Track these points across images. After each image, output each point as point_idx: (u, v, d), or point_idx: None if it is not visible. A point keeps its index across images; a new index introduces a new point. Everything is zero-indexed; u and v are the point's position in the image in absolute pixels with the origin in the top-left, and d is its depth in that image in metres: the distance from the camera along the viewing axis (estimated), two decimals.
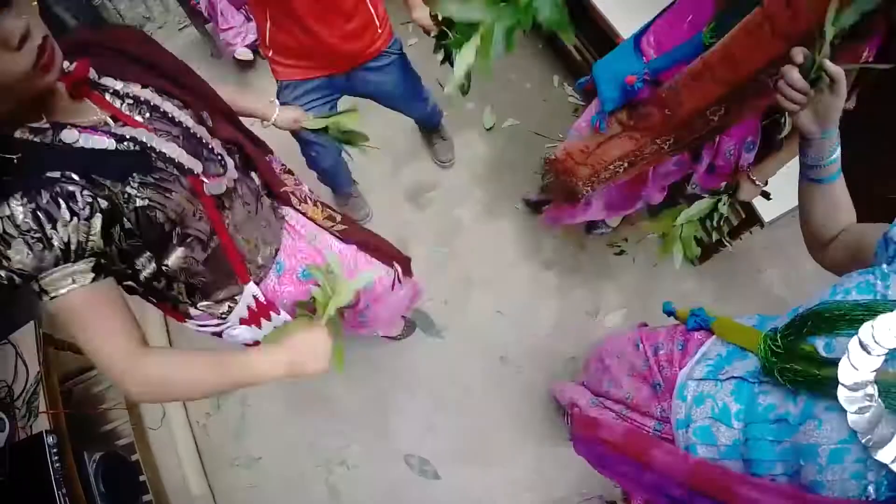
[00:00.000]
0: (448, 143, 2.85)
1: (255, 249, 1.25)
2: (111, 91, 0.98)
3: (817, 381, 0.76)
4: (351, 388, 2.36)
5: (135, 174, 0.92)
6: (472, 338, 2.45)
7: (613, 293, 2.50)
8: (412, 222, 2.74)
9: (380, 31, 1.85)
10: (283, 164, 1.51)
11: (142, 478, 2.19)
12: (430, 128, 2.75)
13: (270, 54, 1.83)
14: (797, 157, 1.11)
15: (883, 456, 0.67)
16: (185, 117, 1.07)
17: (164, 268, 1.04)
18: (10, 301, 2.71)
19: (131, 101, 1.00)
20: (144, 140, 0.95)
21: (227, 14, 3.38)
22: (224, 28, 3.42)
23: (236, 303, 1.25)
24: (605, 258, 2.57)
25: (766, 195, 1.76)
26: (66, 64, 0.89)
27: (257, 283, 1.28)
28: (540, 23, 1.15)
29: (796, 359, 0.80)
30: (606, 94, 1.64)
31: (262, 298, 1.29)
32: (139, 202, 0.92)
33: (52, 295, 0.83)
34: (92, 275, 0.85)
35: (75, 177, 0.84)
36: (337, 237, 1.52)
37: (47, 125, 0.87)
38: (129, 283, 1.04)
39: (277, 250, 1.34)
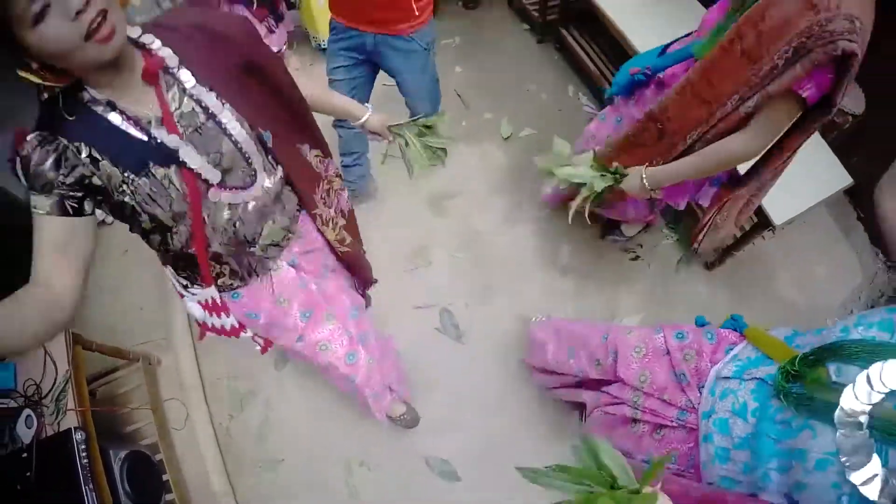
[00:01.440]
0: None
1: (226, 268, 1.33)
2: (180, 87, 1.06)
3: (814, 409, 0.83)
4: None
5: (141, 177, 1.03)
6: (492, 341, 2.49)
7: (629, 298, 2.55)
8: (434, 229, 2.81)
9: (417, 14, 2.03)
10: (335, 168, 1.57)
11: (165, 477, 2.21)
12: None
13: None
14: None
15: (855, 478, 0.74)
16: (238, 130, 1.13)
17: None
18: None
19: (189, 108, 1.07)
20: (172, 147, 1.04)
21: None
22: None
23: (199, 287, 1.34)
24: (621, 264, 2.62)
25: None
26: (156, 43, 1.02)
27: (219, 289, 1.35)
28: None
29: (808, 382, 0.87)
30: (616, 80, 1.85)
31: (218, 301, 1.37)
32: (127, 199, 1.03)
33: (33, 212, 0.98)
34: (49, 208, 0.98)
35: (94, 153, 0.97)
36: (336, 255, 1.63)
37: (105, 100, 0.98)
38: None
39: (244, 280, 1.39)
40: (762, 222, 2.17)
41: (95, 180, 0.99)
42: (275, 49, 3.64)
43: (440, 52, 3.49)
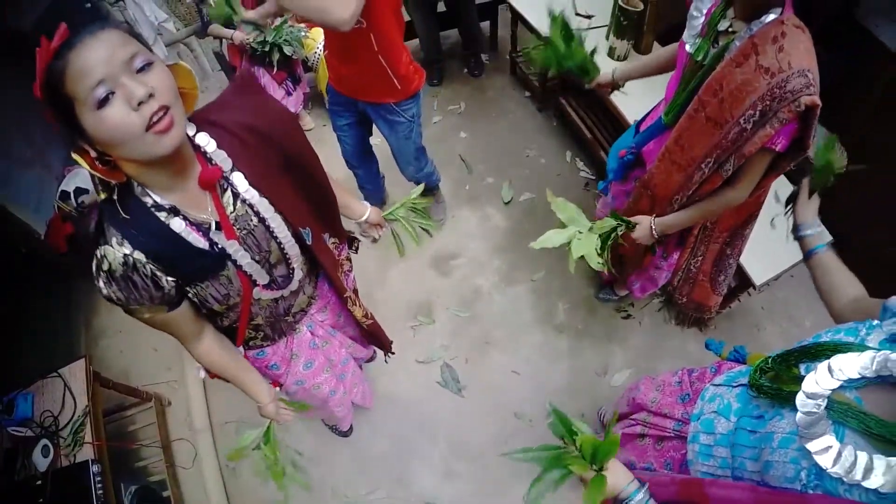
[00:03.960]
0: (442, 206, 3.18)
1: (260, 334, 1.49)
2: (233, 191, 1.11)
3: (781, 397, 0.96)
4: (374, 433, 2.49)
5: (204, 281, 1.13)
6: (490, 394, 2.60)
7: (621, 354, 2.67)
8: (437, 288, 2.96)
9: (399, 89, 2.22)
10: (347, 252, 1.70)
11: None
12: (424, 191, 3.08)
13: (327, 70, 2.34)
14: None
15: (811, 446, 0.86)
16: (283, 233, 1.22)
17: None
18: (59, 338, 2.88)
19: (242, 211, 1.14)
20: (230, 252, 1.12)
21: (270, 88, 3.64)
22: None
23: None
24: (614, 322, 2.76)
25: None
26: (210, 145, 1.08)
27: (247, 349, 1.52)
28: None
29: (782, 378, 0.99)
30: (609, 166, 2.01)
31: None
32: (190, 295, 1.15)
33: (139, 316, 1.09)
34: (166, 308, 1.11)
35: (162, 265, 1.04)
36: (361, 329, 1.84)
37: (168, 205, 1.02)
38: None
39: (273, 341, 1.56)
40: (743, 283, 2.30)
41: (166, 283, 1.06)
42: (292, 109, 3.91)
43: (447, 118, 3.79)
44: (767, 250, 2.20)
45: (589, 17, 3.43)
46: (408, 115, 2.37)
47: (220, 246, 1.09)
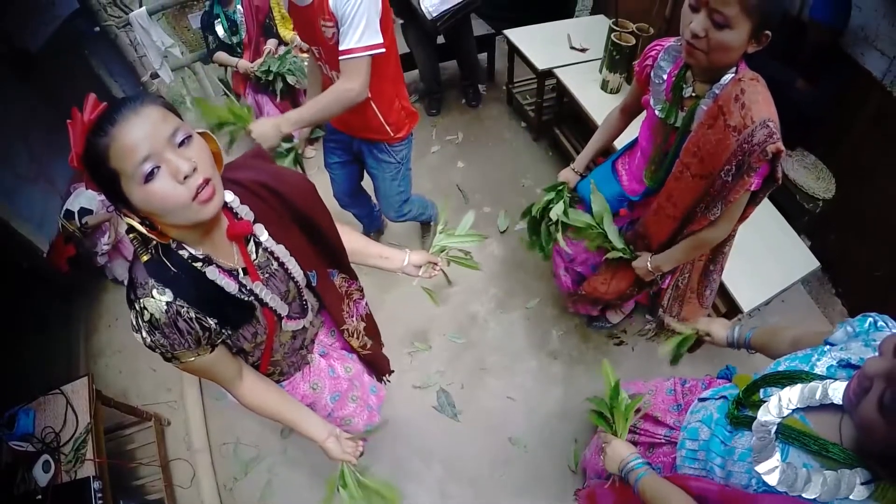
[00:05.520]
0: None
1: (278, 369, 1.53)
2: (255, 241, 1.22)
3: (747, 422, 1.09)
4: (371, 456, 2.50)
5: (236, 325, 1.20)
6: (485, 419, 2.64)
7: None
8: (434, 314, 3.01)
9: (391, 133, 2.31)
10: (357, 284, 1.73)
11: None
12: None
13: None
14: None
15: (759, 468, 1.00)
16: (298, 273, 1.32)
17: None
18: (58, 354, 2.90)
19: (264, 258, 1.24)
20: (257, 292, 1.21)
21: (273, 116, 3.81)
22: None
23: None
24: (607, 348, 2.83)
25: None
26: (235, 201, 1.17)
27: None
28: None
29: (749, 404, 1.13)
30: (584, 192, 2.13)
31: None
32: (223, 338, 1.20)
33: (182, 362, 1.13)
34: (210, 349, 1.17)
35: (200, 312, 1.09)
36: (358, 355, 1.85)
37: (203, 255, 1.10)
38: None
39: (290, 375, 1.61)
40: (732, 309, 2.35)
41: (211, 322, 1.12)
42: (295, 140, 3.98)
43: (444, 147, 3.89)
44: (755, 278, 2.29)
45: (583, 50, 3.57)
46: (398, 157, 2.45)
47: (248, 288, 1.18)
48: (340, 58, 1.92)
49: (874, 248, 2.67)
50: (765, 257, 2.39)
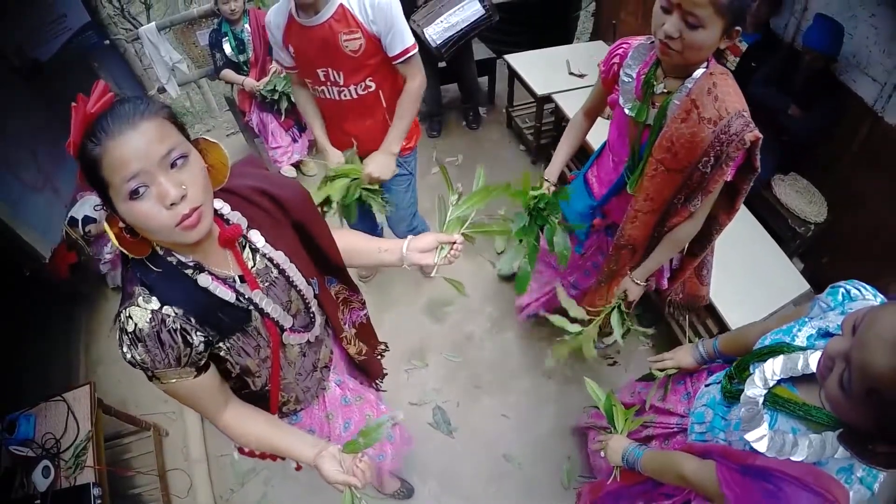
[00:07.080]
0: None
1: (293, 396, 1.45)
2: (252, 247, 1.17)
3: (736, 395, 1.19)
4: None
5: (235, 334, 1.12)
6: (480, 436, 2.68)
7: None
8: (431, 333, 3.07)
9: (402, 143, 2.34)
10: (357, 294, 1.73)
11: None
12: None
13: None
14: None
15: (748, 437, 1.09)
16: (300, 281, 1.26)
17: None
18: (57, 361, 2.91)
19: (262, 265, 1.18)
20: (256, 301, 1.14)
21: (277, 135, 3.84)
22: (273, 146, 3.86)
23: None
24: (601, 368, 2.88)
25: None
26: (225, 208, 1.12)
27: (282, 415, 1.48)
28: None
29: (741, 379, 1.21)
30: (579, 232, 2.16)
31: None
32: (223, 353, 1.12)
33: (163, 382, 1.04)
34: (193, 371, 1.07)
35: (192, 320, 1.02)
36: (355, 364, 1.79)
37: (193, 262, 1.04)
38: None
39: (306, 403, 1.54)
40: (722, 330, 2.39)
41: (195, 338, 1.03)
42: (297, 157, 4.03)
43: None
44: (746, 299, 2.35)
45: (581, 75, 3.66)
46: (409, 168, 2.51)
47: (246, 297, 1.12)
48: (399, 60, 2.05)
49: (865, 272, 2.74)
50: (756, 280, 2.45)
